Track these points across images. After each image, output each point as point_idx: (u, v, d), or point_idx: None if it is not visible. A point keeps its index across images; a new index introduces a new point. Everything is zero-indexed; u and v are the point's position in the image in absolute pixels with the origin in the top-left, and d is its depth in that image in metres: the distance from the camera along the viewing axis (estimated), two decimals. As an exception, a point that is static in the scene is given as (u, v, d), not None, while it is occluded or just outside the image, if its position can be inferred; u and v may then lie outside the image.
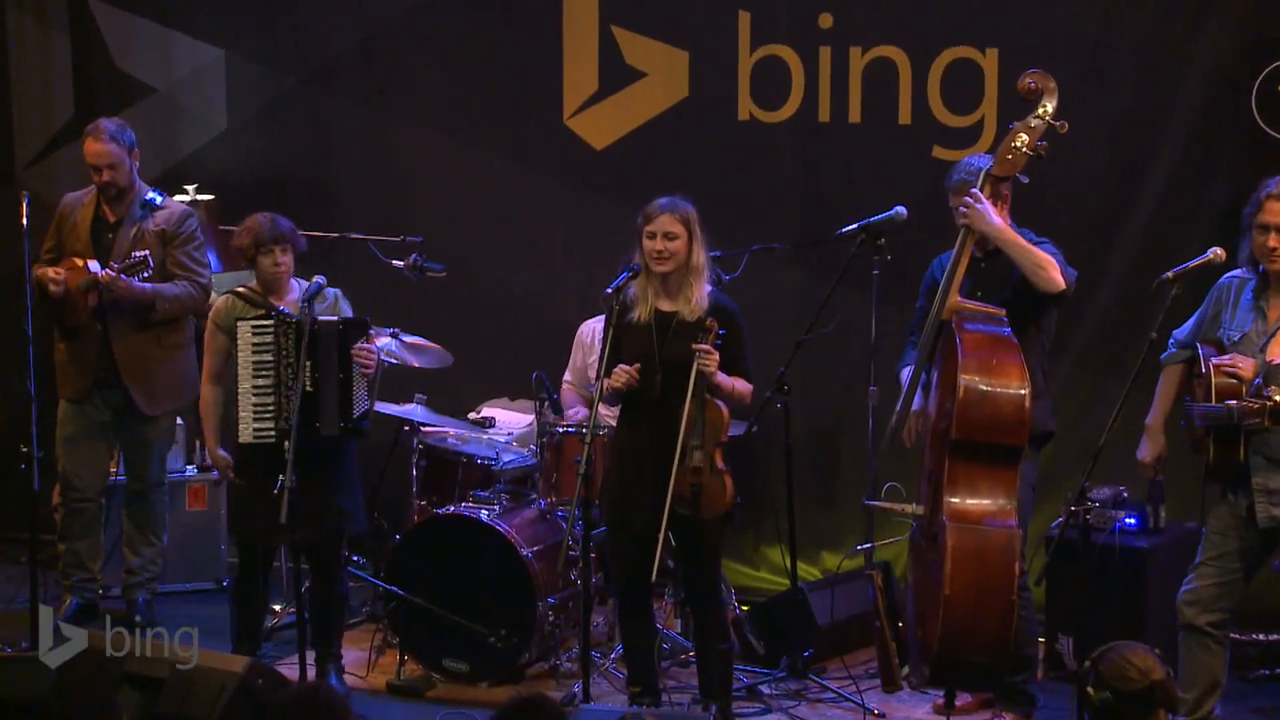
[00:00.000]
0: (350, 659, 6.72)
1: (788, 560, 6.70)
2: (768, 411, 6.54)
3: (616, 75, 7.91)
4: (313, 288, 6.29)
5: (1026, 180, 5.96)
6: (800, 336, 6.50)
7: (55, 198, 7.57)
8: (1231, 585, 5.81)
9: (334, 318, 6.31)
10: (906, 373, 6.26)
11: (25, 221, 6.70)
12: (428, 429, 7.24)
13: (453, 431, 7.29)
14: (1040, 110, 5.86)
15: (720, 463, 5.86)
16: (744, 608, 7.10)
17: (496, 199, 8.16)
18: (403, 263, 7.38)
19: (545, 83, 8.02)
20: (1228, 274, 5.91)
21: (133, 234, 7.08)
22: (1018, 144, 5.87)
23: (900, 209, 6.50)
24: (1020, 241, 5.93)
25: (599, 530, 6.38)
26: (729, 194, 7.67)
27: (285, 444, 6.07)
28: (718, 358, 5.77)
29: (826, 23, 7.59)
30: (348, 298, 6.53)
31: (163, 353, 7.15)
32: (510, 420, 7.53)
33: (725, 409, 5.87)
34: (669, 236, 5.87)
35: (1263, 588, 6.34)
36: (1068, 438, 6.76)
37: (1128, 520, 6.68)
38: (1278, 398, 5.54)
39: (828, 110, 7.63)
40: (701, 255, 5.91)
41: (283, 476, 5.96)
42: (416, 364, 7.21)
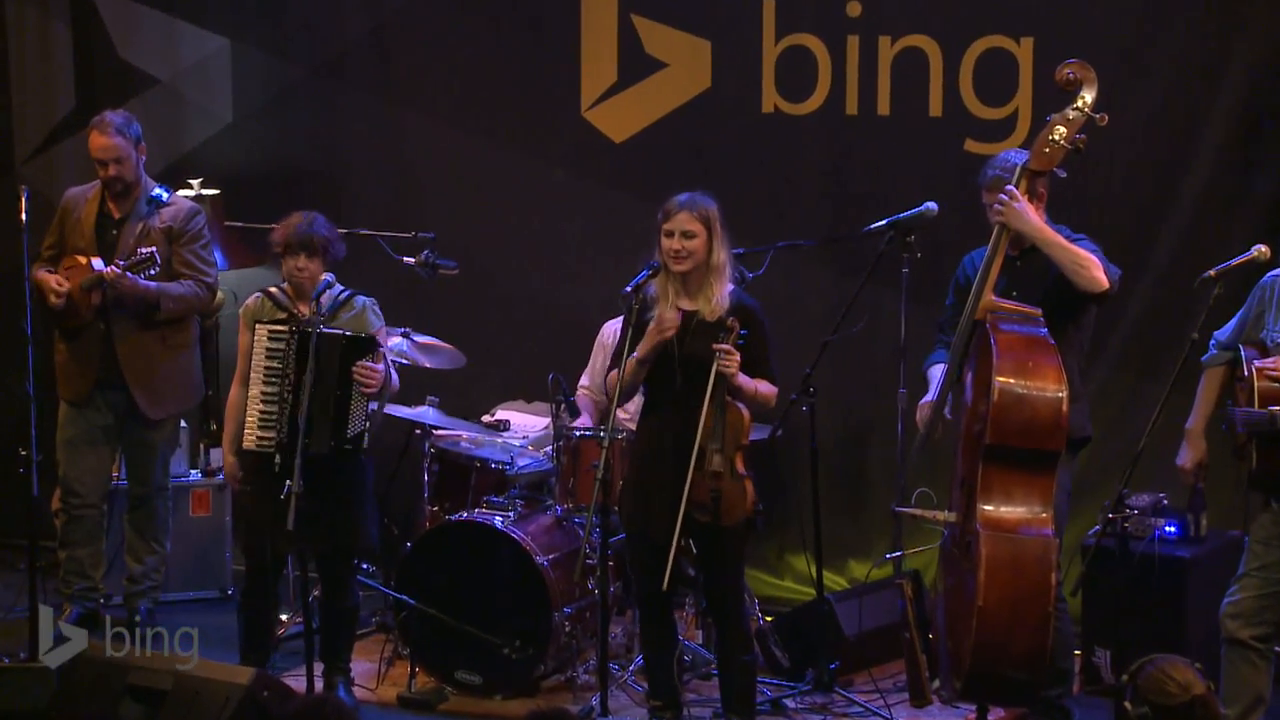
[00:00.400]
0: (359, 670, 6.71)
1: (813, 569, 6.68)
2: (792, 415, 6.54)
3: (636, 65, 7.90)
4: (331, 289, 6.28)
5: (1064, 175, 5.94)
6: (826, 337, 6.49)
7: (56, 192, 7.60)
8: (1276, 597, 5.77)
9: (339, 331, 6.27)
10: (934, 371, 6.24)
11: (24, 217, 6.70)
12: (440, 432, 7.24)
13: (466, 435, 7.28)
14: (1079, 102, 5.83)
15: (741, 467, 5.85)
16: (768, 618, 7.08)
17: (511, 194, 8.15)
18: (414, 260, 7.37)
19: (562, 73, 8.02)
20: (1271, 272, 5.87)
21: (138, 231, 7.08)
22: (1055, 137, 5.84)
23: (931, 205, 6.49)
24: (1060, 240, 5.90)
25: (617, 537, 6.37)
26: (753, 189, 7.66)
27: (277, 458, 6.08)
28: (739, 358, 5.75)
29: (855, 11, 7.57)
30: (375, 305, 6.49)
31: (167, 354, 7.16)
32: (525, 423, 7.52)
33: (746, 411, 5.86)
34: (687, 235, 5.85)
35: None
36: (1105, 442, 6.73)
37: (1167, 528, 6.65)
38: (1324, 403, 5.51)
39: (855, 102, 7.61)
40: (722, 254, 5.89)
41: (290, 482, 5.97)
42: (428, 365, 7.21)
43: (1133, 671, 4.34)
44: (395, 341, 7.12)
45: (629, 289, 5.88)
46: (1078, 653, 6.55)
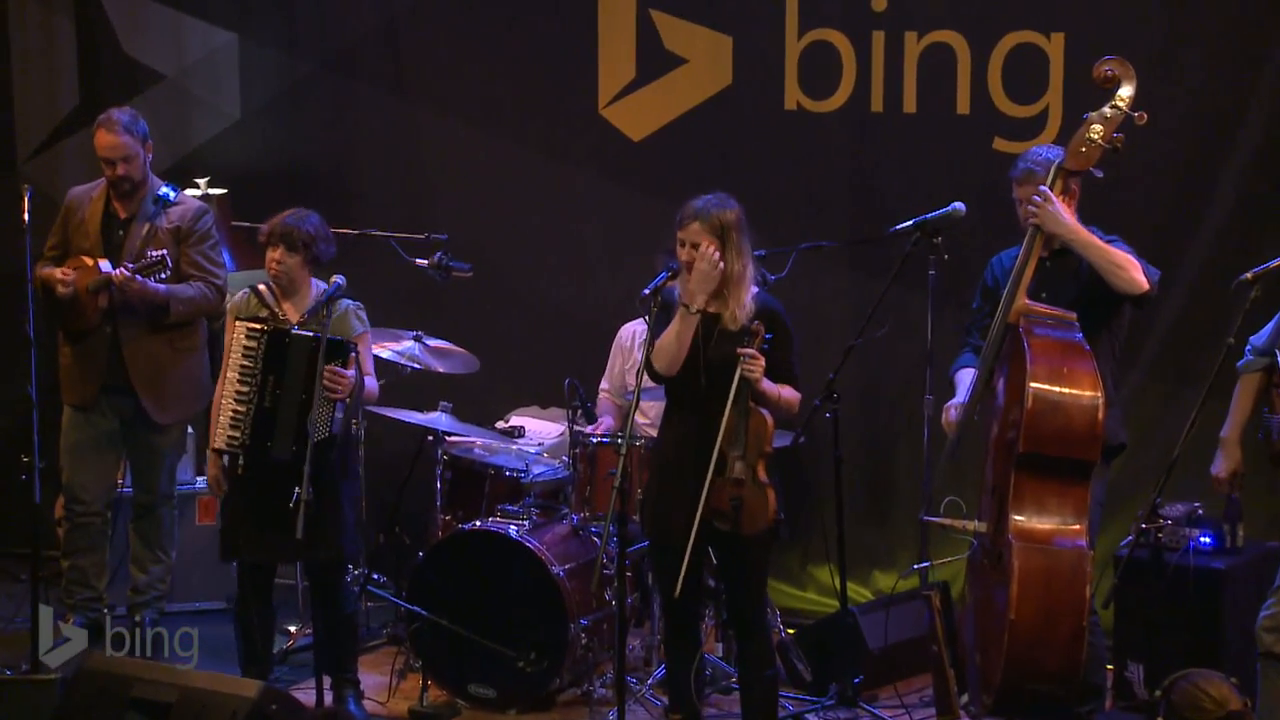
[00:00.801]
0: (370, 684, 6.72)
1: (837, 580, 6.67)
2: (816, 421, 6.52)
3: (655, 62, 7.91)
4: (332, 289, 6.28)
5: (1101, 175, 5.92)
6: (851, 341, 6.47)
7: (59, 191, 7.61)
8: (1315, 610, 5.77)
9: (309, 333, 6.23)
10: (961, 375, 6.22)
11: (27, 217, 6.71)
12: (453, 439, 7.25)
13: (479, 441, 7.29)
14: (1117, 99, 5.81)
15: (763, 475, 5.82)
16: (790, 631, 7.09)
17: (527, 193, 8.16)
18: (427, 261, 7.39)
19: (579, 69, 8.02)
20: (1310, 275, 5.87)
21: (145, 231, 7.09)
22: (1092, 135, 5.82)
23: (958, 205, 6.47)
24: (1096, 242, 5.88)
25: (635, 547, 6.37)
26: (775, 188, 7.66)
27: (241, 460, 6.13)
28: (763, 363, 5.74)
29: (880, 5, 7.56)
30: (365, 303, 6.47)
31: (176, 357, 7.16)
32: (541, 430, 7.53)
33: (770, 418, 5.83)
34: (699, 247, 5.81)
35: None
36: (1138, 450, 6.71)
37: (1202, 539, 6.63)
38: (1364, 410, 5.50)
39: (881, 99, 7.61)
40: (740, 262, 5.78)
41: (298, 489, 5.98)
42: (441, 369, 7.22)
43: (1166, 687, 4.34)
44: (407, 345, 7.13)
45: (648, 291, 5.85)
46: (1110, 667, 6.52)
